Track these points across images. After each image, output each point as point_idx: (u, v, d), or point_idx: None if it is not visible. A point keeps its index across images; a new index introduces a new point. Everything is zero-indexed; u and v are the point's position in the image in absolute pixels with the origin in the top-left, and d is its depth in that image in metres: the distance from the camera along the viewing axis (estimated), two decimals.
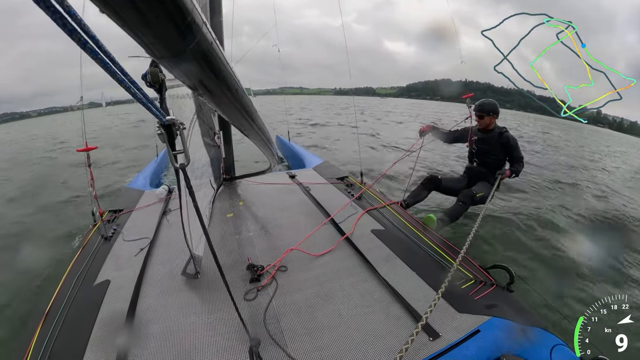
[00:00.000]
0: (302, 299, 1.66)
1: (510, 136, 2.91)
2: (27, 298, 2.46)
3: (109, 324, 1.50)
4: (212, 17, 2.68)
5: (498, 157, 2.98)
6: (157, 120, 0.90)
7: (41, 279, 2.62)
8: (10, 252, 3.18)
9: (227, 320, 1.51)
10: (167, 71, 1.03)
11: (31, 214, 4.40)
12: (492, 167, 3.02)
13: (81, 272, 1.90)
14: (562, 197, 5.89)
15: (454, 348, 1.37)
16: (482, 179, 3.06)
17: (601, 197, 6.17)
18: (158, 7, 0.56)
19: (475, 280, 1.83)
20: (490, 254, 3.78)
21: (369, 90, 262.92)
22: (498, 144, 2.93)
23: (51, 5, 0.42)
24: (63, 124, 22.43)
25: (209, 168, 2.72)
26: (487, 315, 1.55)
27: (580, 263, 3.75)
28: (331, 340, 1.40)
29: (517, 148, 2.92)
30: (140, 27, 0.58)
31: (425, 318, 1.44)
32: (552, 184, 6.75)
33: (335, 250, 2.11)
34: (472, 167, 3.20)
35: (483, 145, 3.04)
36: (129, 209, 2.82)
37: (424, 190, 3.19)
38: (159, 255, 2.08)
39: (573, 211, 5.06)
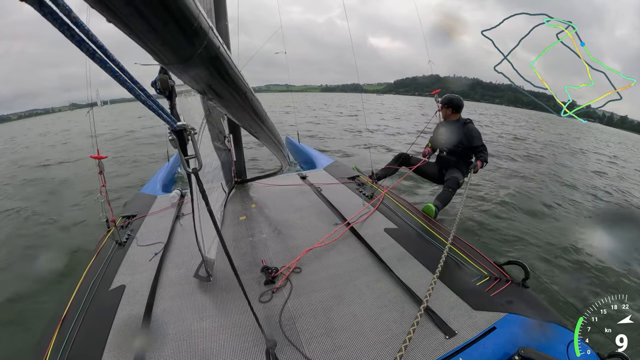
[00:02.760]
0: (317, 300, 1.65)
1: (472, 127, 3.15)
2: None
3: (126, 328, 1.52)
4: (217, 22, 2.70)
5: (464, 146, 3.17)
6: (169, 127, 0.90)
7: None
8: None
9: (242, 322, 1.51)
10: (176, 77, 1.03)
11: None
12: (460, 156, 3.22)
13: (96, 277, 1.92)
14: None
15: (470, 346, 1.36)
16: (453, 167, 3.24)
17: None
18: (164, 14, 0.56)
19: (490, 277, 1.81)
20: (505, 250, 3.73)
21: (356, 87, 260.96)
22: (462, 133, 3.15)
23: (58, 17, 0.41)
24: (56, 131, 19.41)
25: (220, 172, 2.74)
26: (502, 312, 1.53)
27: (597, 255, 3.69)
28: (347, 341, 1.40)
29: (478, 137, 3.14)
30: (148, 34, 0.58)
31: (426, 302, 1.46)
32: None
33: (349, 251, 2.10)
34: (442, 156, 3.38)
35: (451, 135, 3.23)
36: (142, 214, 2.85)
37: (395, 165, 3.59)
38: (174, 260, 2.09)
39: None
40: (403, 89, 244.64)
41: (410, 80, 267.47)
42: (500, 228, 4.38)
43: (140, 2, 0.51)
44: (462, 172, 3.18)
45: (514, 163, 8.86)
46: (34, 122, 36.09)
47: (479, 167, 3.11)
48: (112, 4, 0.49)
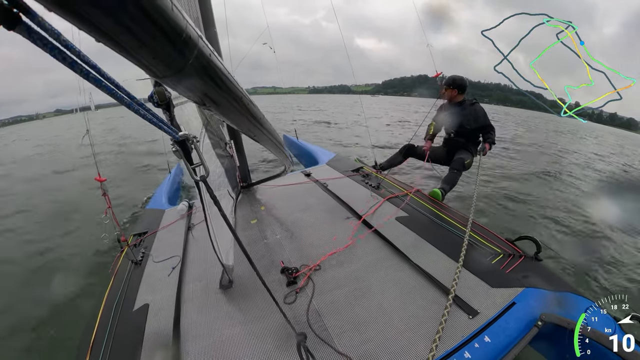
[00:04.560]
0: (341, 296, 1.67)
1: (479, 107, 3.13)
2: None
3: (157, 346, 1.51)
4: (206, 30, 2.69)
5: (472, 127, 3.15)
6: (171, 138, 0.91)
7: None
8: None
9: (270, 324, 1.52)
10: (171, 89, 1.04)
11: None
12: (468, 137, 3.21)
13: (118, 299, 1.90)
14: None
15: (494, 322, 1.38)
16: (461, 148, 3.22)
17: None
18: (152, 29, 0.56)
19: (503, 255, 1.83)
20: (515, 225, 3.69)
21: (344, 88, 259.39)
22: (469, 114, 3.14)
23: (48, 42, 0.42)
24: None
25: (225, 179, 2.75)
26: (520, 287, 1.56)
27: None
28: (376, 332, 1.41)
29: (486, 117, 3.13)
30: (138, 50, 0.58)
31: (453, 290, 1.47)
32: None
33: (365, 243, 2.11)
34: (449, 139, 3.36)
35: (457, 116, 3.20)
36: (153, 230, 2.83)
37: (400, 156, 3.60)
38: (192, 271, 2.10)
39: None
40: (392, 89, 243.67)
41: (399, 80, 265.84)
42: (507, 205, 4.34)
43: (128, 19, 0.51)
44: (470, 153, 3.17)
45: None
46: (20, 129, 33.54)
47: (487, 149, 3.08)
48: (100, 24, 0.49)
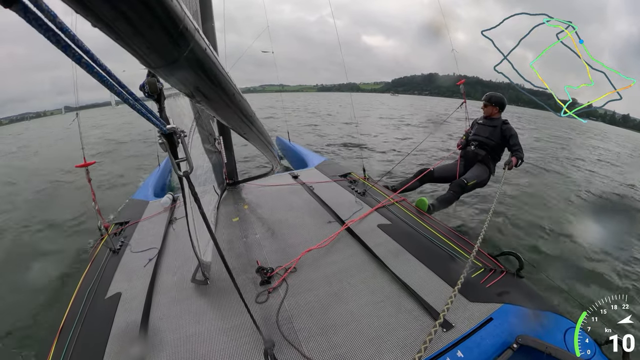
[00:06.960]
0: (314, 299, 1.66)
1: (510, 127, 3.22)
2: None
3: (124, 335, 1.51)
4: (203, 23, 2.68)
5: (497, 143, 3.25)
6: (158, 130, 0.90)
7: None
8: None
9: (240, 324, 1.51)
10: (164, 80, 1.03)
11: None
12: (490, 151, 3.28)
13: (92, 286, 1.91)
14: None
15: (468, 337, 1.37)
16: (479, 162, 3.29)
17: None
18: (149, 17, 0.56)
19: (485, 269, 1.83)
20: (501, 241, 3.78)
21: (352, 87, 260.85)
22: (499, 131, 3.24)
23: (43, 23, 0.42)
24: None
25: (211, 174, 2.72)
26: (498, 303, 1.55)
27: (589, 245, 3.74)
28: (345, 338, 1.41)
29: (516, 137, 3.21)
30: (133, 38, 0.58)
31: (428, 302, 1.48)
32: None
33: (344, 248, 2.11)
34: (468, 151, 3.42)
35: (485, 130, 3.31)
36: (134, 220, 2.82)
37: (417, 182, 3.46)
38: (168, 264, 2.08)
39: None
40: (401, 87, 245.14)
41: (409, 79, 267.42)
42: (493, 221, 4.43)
43: (126, 6, 0.51)
44: (487, 169, 3.23)
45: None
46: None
47: (514, 164, 3.10)
48: (97, 8, 0.49)
